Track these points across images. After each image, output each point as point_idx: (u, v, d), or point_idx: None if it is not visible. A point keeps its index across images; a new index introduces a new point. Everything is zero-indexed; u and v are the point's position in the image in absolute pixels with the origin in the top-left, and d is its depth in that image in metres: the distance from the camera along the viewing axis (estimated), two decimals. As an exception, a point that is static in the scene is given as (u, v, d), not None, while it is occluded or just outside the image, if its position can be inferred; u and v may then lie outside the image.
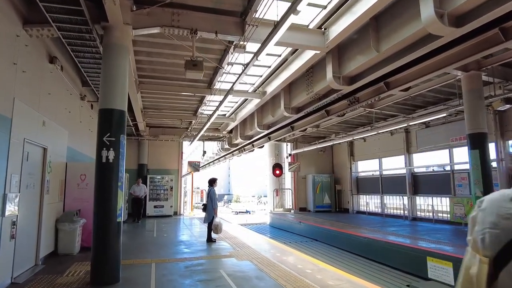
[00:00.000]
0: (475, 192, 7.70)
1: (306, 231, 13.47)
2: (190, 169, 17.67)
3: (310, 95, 8.44)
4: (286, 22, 4.55)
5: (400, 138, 14.69)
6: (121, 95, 5.34)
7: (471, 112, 7.93)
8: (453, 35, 4.68)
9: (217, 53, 7.74)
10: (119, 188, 5.07)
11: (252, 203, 52.07)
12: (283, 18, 4.60)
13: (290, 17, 4.40)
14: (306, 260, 6.67)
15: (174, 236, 9.92)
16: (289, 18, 4.45)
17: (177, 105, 12.13)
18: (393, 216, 15.17)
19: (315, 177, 18.51)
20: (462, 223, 11.24)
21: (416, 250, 7.73)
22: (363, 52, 6.21)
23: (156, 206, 15.98)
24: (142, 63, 8.42)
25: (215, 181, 8.65)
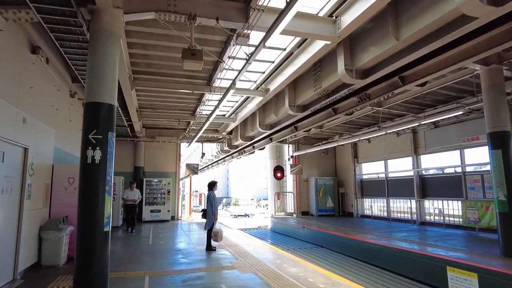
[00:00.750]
0: (497, 195, 7.09)
1: (310, 236, 12.83)
2: (188, 171, 17.04)
3: (317, 91, 7.83)
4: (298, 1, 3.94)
5: (407, 139, 14.10)
6: (110, 87, 4.71)
7: (492, 109, 7.34)
8: (490, 16, 4.09)
9: (217, 45, 7.13)
10: (107, 193, 4.44)
11: (251, 206, 51.42)
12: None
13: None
14: (317, 272, 6.03)
15: (171, 243, 9.26)
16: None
17: (175, 104, 11.50)
18: (399, 220, 14.57)
19: (318, 180, 17.90)
20: (476, 228, 10.63)
21: (434, 259, 7.11)
22: (379, 41, 5.61)
23: (152, 211, 15.33)
24: (137, 57, 7.79)
25: (215, 185, 8.03)
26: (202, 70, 8.54)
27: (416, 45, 5.19)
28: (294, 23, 5.69)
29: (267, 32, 4.68)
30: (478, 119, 10.81)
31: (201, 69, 8.31)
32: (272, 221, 17.48)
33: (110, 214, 4.51)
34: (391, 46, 5.34)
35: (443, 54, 5.74)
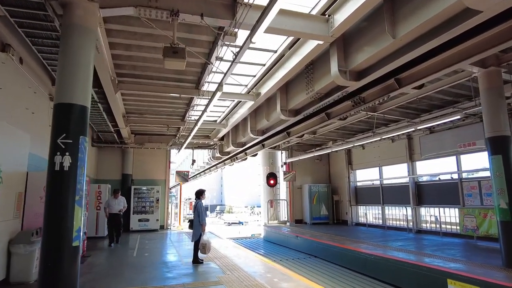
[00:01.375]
0: (498, 203, 6.77)
1: (304, 246, 12.40)
2: (178, 179, 16.55)
3: (310, 94, 7.50)
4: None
5: (401, 145, 13.83)
6: (83, 88, 4.29)
7: (491, 112, 7.06)
8: (495, 9, 3.79)
9: (205, 46, 6.76)
10: (77, 203, 4.00)
11: (245, 214, 50.84)
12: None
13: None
14: (310, 287, 5.61)
15: (156, 255, 8.76)
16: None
17: (163, 109, 11.08)
18: (395, 228, 14.22)
19: (312, 187, 17.52)
20: (474, 236, 10.32)
21: (434, 270, 6.73)
22: (375, 40, 5.31)
23: (140, 220, 14.79)
24: (120, 58, 7.38)
25: (203, 193, 7.60)
26: (190, 72, 8.20)
27: (414, 43, 4.88)
28: (285, 21, 5.39)
29: (253, 28, 4.33)
30: (474, 124, 10.58)
31: (189, 72, 8.11)
32: (265, 230, 17.01)
33: (81, 227, 4.07)
34: (387, 45, 5.03)
35: (441, 54, 5.46)
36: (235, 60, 5.22)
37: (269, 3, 3.80)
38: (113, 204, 10.55)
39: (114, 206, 10.49)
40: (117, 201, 10.64)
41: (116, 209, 10.53)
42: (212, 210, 61.27)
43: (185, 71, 8.03)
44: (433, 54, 5.48)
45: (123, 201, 10.85)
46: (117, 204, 10.59)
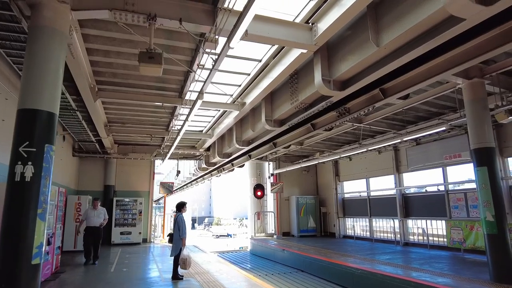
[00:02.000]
0: (485, 216, 6.66)
1: (291, 260, 12.09)
2: (163, 191, 16.12)
3: (294, 104, 7.36)
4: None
5: (388, 157, 13.80)
6: (51, 93, 4.04)
7: (475, 124, 7.02)
8: (478, 17, 3.71)
9: (186, 53, 6.57)
10: (39, 217, 3.69)
11: (234, 226, 50.17)
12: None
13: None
14: (293, 305, 5.34)
15: (135, 271, 8.36)
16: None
17: (146, 118, 10.79)
18: (383, 241, 14.05)
19: (299, 199, 17.30)
20: (462, 249, 10.21)
21: (421, 285, 6.53)
22: (359, 49, 5.21)
23: (122, 233, 14.29)
24: (99, 65, 7.13)
25: (184, 206, 7.31)
26: (173, 81, 7.99)
27: (398, 52, 4.80)
28: (268, 29, 5.27)
29: (231, 33, 4.15)
30: (459, 136, 10.60)
31: (171, 80, 7.90)
32: (252, 243, 16.63)
33: (43, 243, 3.75)
34: (371, 53, 4.93)
35: (426, 64, 5.39)
36: (214, 67, 5.03)
37: (245, 7, 3.64)
38: (91, 215, 9.26)
39: (92, 219, 9.22)
40: (97, 213, 9.34)
41: (96, 222, 9.23)
42: (200, 222, 60.36)
43: (168, 79, 7.85)
44: (418, 64, 5.41)
45: (103, 213, 9.54)
46: (97, 216, 9.31)
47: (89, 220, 9.22)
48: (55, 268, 7.80)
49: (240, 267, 11.63)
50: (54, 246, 7.49)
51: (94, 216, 9.28)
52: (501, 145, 9.69)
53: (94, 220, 9.23)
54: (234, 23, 4.45)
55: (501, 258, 6.50)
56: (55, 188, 7.83)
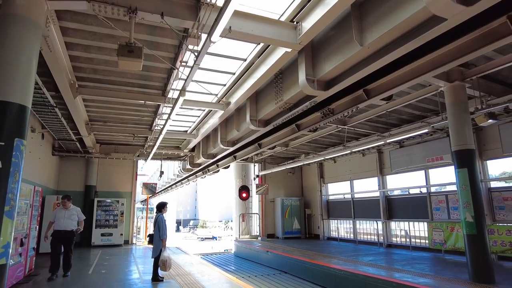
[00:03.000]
0: (465, 217, 6.74)
1: (275, 262, 12.02)
2: (145, 192, 15.83)
3: (279, 104, 7.32)
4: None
5: (372, 159, 13.92)
6: (22, 85, 3.85)
7: (456, 126, 7.12)
8: (459, 17, 3.74)
9: (170, 50, 6.44)
10: (6, 215, 3.50)
11: (219, 228, 49.86)
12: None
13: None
14: (274, 306, 5.26)
15: (115, 273, 8.12)
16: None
17: (128, 117, 10.56)
18: (366, 242, 14.15)
19: (284, 201, 17.27)
20: (442, 250, 10.34)
21: (403, 286, 6.55)
22: (343, 48, 5.20)
23: (103, 234, 13.93)
24: (80, 60, 6.92)
25: (165, 206, 7.14)
26: (156, 78, 7.83)
27: (382, 51, 4.81)
28: (253, 26, 5.21)
29: (212, 26, 4.05)
30: (441, 139, 10.77)
31: (154, 77, 7.73)
32: (236, 245, 16.49)
33: (10, 243, 3.57)
34: (355, 52, 4.93)
35: (408, 65, 5.42)
36: (196, 62, 4.92)
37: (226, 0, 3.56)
38: (61, 216, 7.31)
39: (62, 220, 7.28)
40: (68, 213, 7.39)
41: (66, 224, 7.29)
42: (185, 224, 59.79)
43: (151, 76, 7.69)
44: (401, 65, 5.43)
45: (77, 213, 7.62)
46: (67, 217, 7.35)
47: (58, 223, 7.29)
48: (29, 270, 7.50)
49: (224, 269, 11.48)
50: (28, 248, 7.20)
51: (64, 218, 7.33)
52: (480, 148, 9.89)
53: (64, 223, 7.30)
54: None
55: (480, 258, 6.59)
56: (31, 187, 7.55)
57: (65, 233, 7.34)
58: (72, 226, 7.48)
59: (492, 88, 7.89)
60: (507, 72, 7.50)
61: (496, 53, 6.51)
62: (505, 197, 9.27)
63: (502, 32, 4.39)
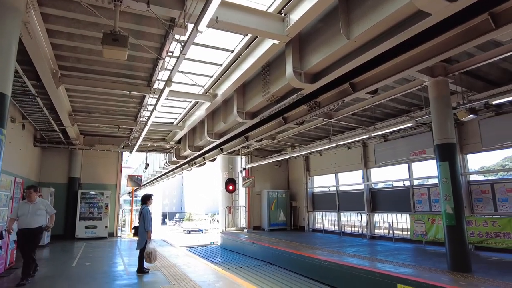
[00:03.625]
0: (445, 208, 6.95)
1: (260, 253, 12.14)
2: (130, 184, 15.67)
3: (266, 96, 7.32)
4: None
5: (357, 153, 14.13)
6: (2, 72, 3.75)
7: (439, 121, 7.29)
8: (444, 12, 3.81)
9: (156, 40, 6.34)
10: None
11: (206, 221, 49.85)
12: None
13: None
14: (259, 296, 5.34)
15: (99, 265, 8.05)
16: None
17: (113, 108, 10.38)
18: (350, 234, 14.42)
19: (271, 193, 17.40)
20: (423, 241, 10.64)
21: (385, 276, 6.74)
22: (330, 41, 5.23)
23: (88, 227, 13.76)
24: (63, 49, 6.73)
25: (150, 198, 7.10)
26: (141, 68, 7.70)
27: (368, 45, 4.85)
28: (241, 17, 5.17)
29: (199, 16, 4.00)
30: (425, 133, 11.01)
31: (140, 67, 7.60)
32: (222, 237, 16.56)
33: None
34: (342, 46, 4.96)
35: (393, 59, 5.52)
36: (182, 52, 4.87)
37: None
38: (25, 212, 6.10)
39: (27, 217, 6.07)
40: (33, 208, 6.20)
41: (32, 222, 6.09)
42: (171, 217, 59.52)
43: (136, 66, 7.56)
44: (386, 59, 5.52)
45: (45, 207, 6.41)
46: (33, 212, 6.15)
47: (22, 220, 6.07)
48: (10, 263, 7.36)
49: (210, 261, 11.53)
50: (8, 241, 7.05)
51: (29, 213, 6.11)
52: (461, 142, 10.16)
53: (28, 219, 6.08)
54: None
55: (458, 248, 6.82)
56: (11, 178, 7.38)
57: (31, 231, 6.09)
58: (39, 222, 6.22)
59: (473, 84, 8.09)
60: (488, 68, 7.70)
61: (478, 50, 6.67)
62: (483, 190, 9.58)
63: (483, 28, 4.50)
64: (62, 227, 13.66)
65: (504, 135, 9.03)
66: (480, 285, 5.62)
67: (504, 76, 8.01)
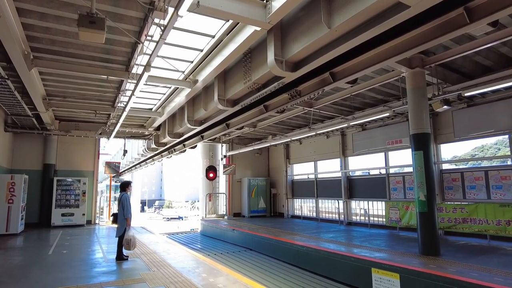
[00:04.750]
0: (418, 196, 7.24)
1: (240, 239, 12.30)
2: (108, 171, 15.37)
3: (247, 84, 7.30)
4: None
5: (336, 141, 14.40)
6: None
7: (415, 111, 7.51)
8: (422, 5, 3.90)
9: (134, 23, 6.15)
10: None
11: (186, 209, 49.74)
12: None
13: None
14: (239, 281, 5.43)
15: (76, 253, 7.94)
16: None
17: (90, 92, 10.06)
18: (328, 220, 14.81)
19: (251, 181, 17.55)
20: (397, 227, 11.07)
21: (360, 260, 7.00)
22: (311, 30, 5.24)
23: (64, 214, 13.50)
24: (35, 29, 6.43)
25: (129, 185, 7.03)
26: (119, 52, 7.48)
27: (349, 35, 4.91)
28: (222, 2, 5.08)
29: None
30: (401, 123, 11.33)
31: (118, 51, 7.38)
32: (203, 224, 16.63)
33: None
34: (323, 35, 4.99)
35: (373, 50, 5.62)
36: (162, 36, 4.76)
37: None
38: None
39: None
40: None
41: None
42: (150, 205, 59.02)
43: (114, 50, 7.34)
44: (366, 49, 5.62)
45: None
46: None
47: None
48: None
49: (190, 247, 11.59)
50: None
51: None
52: (435, 132, 10.52)
53: None
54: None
55: (429, 233, 7.16)
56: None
57: None
58: None
59: (448, 76, 8.35)
60: (462, 61, 7.96)
61: (453, 43, 6.88)
62: (454, 178, 10.02)
63: (459, 22, 4.63)
64: (37, 215, 13.34)
65: (474, 126, 9.43)
66: (447, 267, 5.94)
67: (477, 69, 8.30)
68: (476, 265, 6.06)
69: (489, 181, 9.20)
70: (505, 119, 8.81)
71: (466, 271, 5.60)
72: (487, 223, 8.63)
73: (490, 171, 9.26)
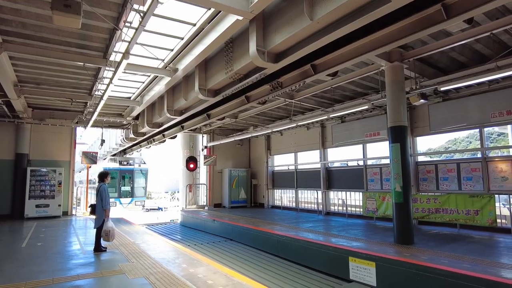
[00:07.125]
0: (394, 187, 7.47)
1: (221, 230, 12.33)
2: (85, 161, 14.97)
3: (229, 74, 7.24)
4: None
5: (315, 133, 14.57)
6: None
7: (393, 104, 7.69)
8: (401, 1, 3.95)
9: (113, 9, 5.93)
10: None
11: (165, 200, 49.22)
12: None
13: None
14: (219, 271, 5.47)
15: (52, 245, 7.73)
16: None
17: (65, 80, 9.70)
18: (307, 210, 15.06)
19: (232, 171, 17.57)
20: (374, 217, 11.40)
21: (338, 249, 7.18)
22: (293, 21, 5.24)
23: (39, 206, 13.09)
24: (3, 11, 6.07)
25: (107, 176, 6.87)
26: (97, 39, 7.23)
27: (330, 27, 4.94)
28: (203, -10, 4.99)
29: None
30: (379, 116, 11.57)
31: (95, 37, 7.14)
32: (183, 215, 16.54)
33: None
34: (305, 26, 4.99)
35: (353, 43, 5.71)
36: (141, 23, 4.64)
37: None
38: None
39: None
40: None
41: None
42: (129, 195, 57.96)
43: (91, 36, 7.09)
44: (346, 43, 5.69)
45: None
46: None
47: None
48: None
49: (170, 238, 11.53)
50: None
51: None
52: (412, 125, 10.82)
53: None
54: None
55: (404, 223, 7.41)
56: None
57: None
58: None
59: (425, 70, 8.58)
60: (438, 56, 8.18)
61: (431, 38, 7.04)
62: (428, 170, 10.38)
63: (437, 18, 4.74)
64: (9, 206, 12.88)
65: (449, 120, 9.76)
66: (420, 255, 6.19)
67: (452, 64, 8.55)
68: (447, 252, 6.35)
69: (460, 173, 9.59)
70: (477, 114, 9.17)
71: (437, 259, 5.86)
72: (458, 213, 9.03)
73: (461, 163, 9.64)
